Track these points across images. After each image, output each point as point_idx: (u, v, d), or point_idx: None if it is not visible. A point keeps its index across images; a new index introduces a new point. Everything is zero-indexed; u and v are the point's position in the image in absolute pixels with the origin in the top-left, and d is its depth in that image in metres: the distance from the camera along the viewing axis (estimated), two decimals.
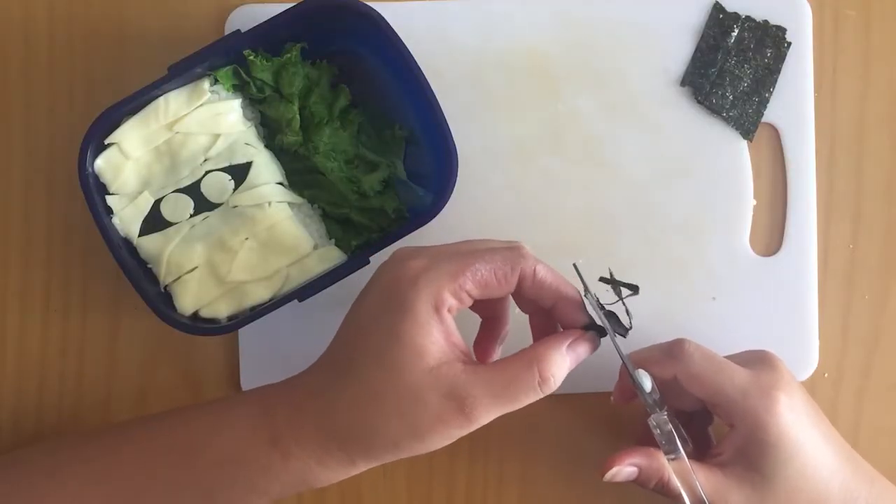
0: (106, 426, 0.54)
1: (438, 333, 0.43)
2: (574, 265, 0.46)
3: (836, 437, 0.49)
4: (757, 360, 0.49)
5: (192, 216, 0.52)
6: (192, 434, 0.47)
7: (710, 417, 0.53)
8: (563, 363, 0.44)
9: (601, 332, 0.46)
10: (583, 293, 0.46)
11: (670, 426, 0.46)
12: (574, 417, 0.57)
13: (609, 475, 0.48)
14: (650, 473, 0.48)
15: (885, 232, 0.58)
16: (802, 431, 0.47)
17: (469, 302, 0.44)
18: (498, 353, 0.49)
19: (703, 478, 0.47)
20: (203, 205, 0.52)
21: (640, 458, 0.48)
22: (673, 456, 0.46)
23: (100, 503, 0.47)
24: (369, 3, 0.51)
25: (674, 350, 0.48)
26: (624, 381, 0.50)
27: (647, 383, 0.47)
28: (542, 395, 0.43)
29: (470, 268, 0.43)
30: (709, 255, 0.56)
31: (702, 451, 0.52)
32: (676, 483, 0.47)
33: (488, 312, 0.49)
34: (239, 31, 0.52)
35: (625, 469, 0.48)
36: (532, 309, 0.48)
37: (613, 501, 0.57)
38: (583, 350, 0.45)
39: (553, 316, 0.46)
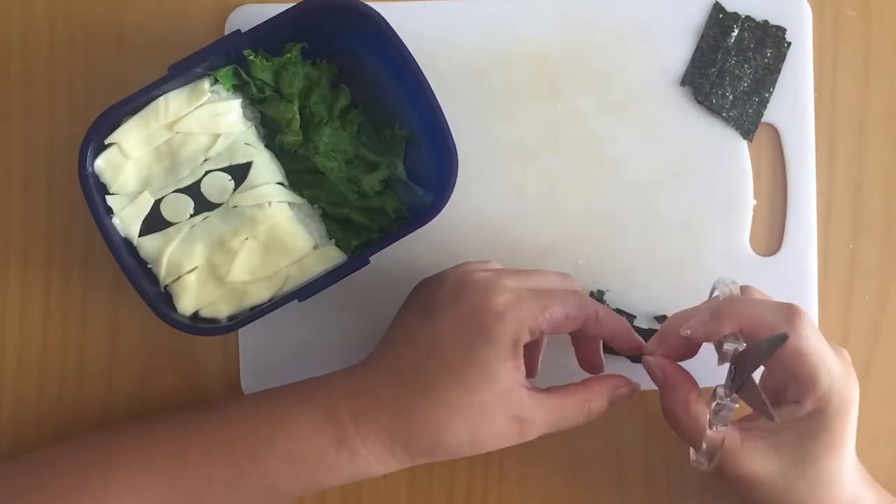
0: (158, 417, 0.54)
1: (511, 363, 0.47)
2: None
3: None
4: (837, 351, 0.49)
5: (192, 216, 0.52)
6: (254, 432, 0.49)
7: None
8: (609, 403, 0.49)
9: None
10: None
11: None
12: None
13: (650, 360, 0.50)
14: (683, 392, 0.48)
15: (885, 232, 0.58)
16: (852, 436, 0.48)
17: (538, 336, 0.48)
18: (539, 364, 0.53)
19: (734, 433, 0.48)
20: (203, 205, 0.52)
21: (693, 403, 0.48)
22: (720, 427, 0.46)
23: (160, 495, 0.48)
24: (369, 3, 0.51)
25: (792, 318, 0.46)
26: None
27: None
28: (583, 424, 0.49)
29: (549, 310, 0.48)
30: (709, 255, 0.56)
31: None
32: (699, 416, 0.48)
33: None
34: (239, 31, 0.52)
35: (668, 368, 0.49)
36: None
37: (613, 499, 0.57)
38: (626, 395, 0.50)
39: (610, 345, 0.51)
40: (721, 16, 0.56)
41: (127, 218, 0.52)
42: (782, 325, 0.46)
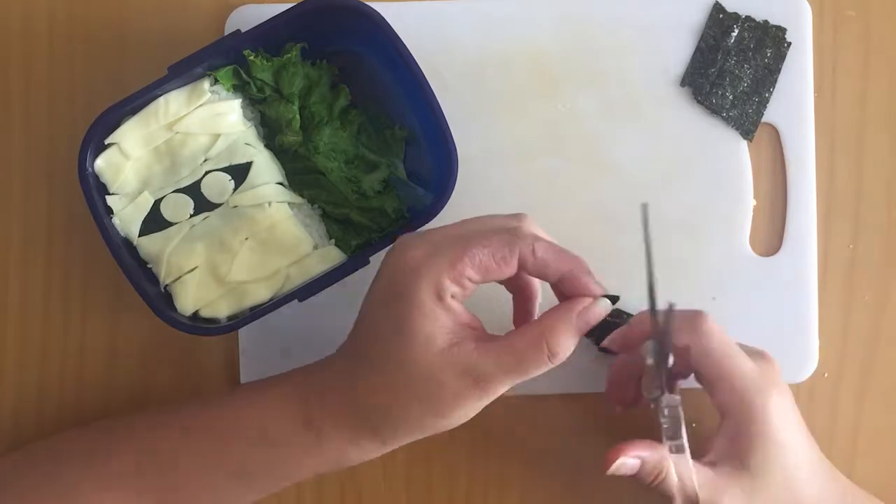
0: (135, 415, 0.54)
1: (445, 319, 0.44)
2: (643, 206, 0.44)
3: (814, 443, 0.50)
4: (756, 355, 0.49)
5: (192, 216, 0.52)
6: (227, 416, 0.48)
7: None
8: (572, 334, 0.44)
9: (612, 299, 0.46)
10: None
11: (680, 410, 0.45)
12: (574, 417, 0.57)
13: (613, 468, 0.47)
14: (652, 466, 0.47)
15: (885, 232, 0.58)
16: (789, 432, 0.48)
17: (472, 287, 0.45)
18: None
19: (696, 475, 0.47)
20: (203, 205, 0.52)
21: (643, 451, 0.47)
22: (676, 442, 0.45)
23: (132, 489, 0.48)
24: (369, 3, 0.51)
25: (696, 322, 0.47)
26: (623, 375, 0.50)
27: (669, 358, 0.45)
28: (553, 366, 0.44)
29: (467, 254, 0.43)
30: (709, 255, 0.56)
31: None
32: (673, 478, 0.47)
33: (514, 286, 0.49)
34: (239, 31, 0.52)
35: (629, 461, 0.47)
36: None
37: (614, 499, 0.57)
38: (592, 316, 0.45)
39: (561, 290, 0.46)
40: (721, 16, 0.56)
41: (127, 218, 0.52)
42: (686, 329, 0.47)
